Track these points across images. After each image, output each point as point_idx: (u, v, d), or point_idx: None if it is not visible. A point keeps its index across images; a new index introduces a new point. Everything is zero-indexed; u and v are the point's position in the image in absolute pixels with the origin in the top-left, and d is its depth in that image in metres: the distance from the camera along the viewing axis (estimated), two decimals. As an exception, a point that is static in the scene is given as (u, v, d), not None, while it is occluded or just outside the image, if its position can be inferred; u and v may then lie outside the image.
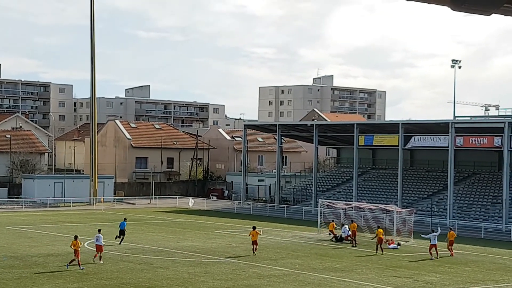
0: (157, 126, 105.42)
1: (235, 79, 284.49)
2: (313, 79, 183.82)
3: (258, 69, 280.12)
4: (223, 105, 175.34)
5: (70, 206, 74.63)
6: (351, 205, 58.93)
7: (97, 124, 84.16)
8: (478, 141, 63.88)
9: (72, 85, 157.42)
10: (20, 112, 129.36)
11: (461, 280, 34.91)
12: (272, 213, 71.64)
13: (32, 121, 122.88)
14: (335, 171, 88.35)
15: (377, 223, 51.52)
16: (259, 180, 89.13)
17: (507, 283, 34.48)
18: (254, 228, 42.57)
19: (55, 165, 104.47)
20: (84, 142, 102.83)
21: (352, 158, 74.67)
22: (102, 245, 37.07)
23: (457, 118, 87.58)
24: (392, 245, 46.05)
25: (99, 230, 38.93)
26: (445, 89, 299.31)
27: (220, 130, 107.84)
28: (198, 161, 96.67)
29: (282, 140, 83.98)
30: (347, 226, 48.40)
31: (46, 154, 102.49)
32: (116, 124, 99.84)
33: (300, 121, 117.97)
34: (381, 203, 60.16)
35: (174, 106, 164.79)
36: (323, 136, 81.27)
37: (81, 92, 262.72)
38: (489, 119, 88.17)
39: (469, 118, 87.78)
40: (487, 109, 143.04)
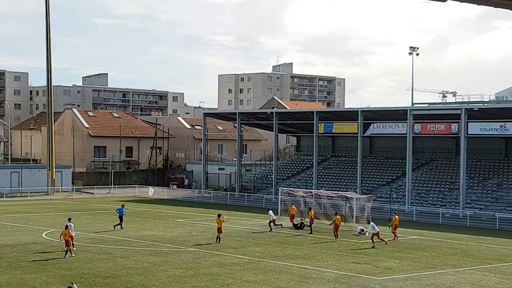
0: (115, 115, 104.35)
1: (195, 67, 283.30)
2: (273, 66, 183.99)
3: (217, 57, 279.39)
4: (183, 93, 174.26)
5: (27, 196, 73.56)
6: (311, 192, 59.17)
7: (54, 112, 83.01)
8: (435, 128, 64.65)
9: (27, 73, 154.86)
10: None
11: (419, 265, 35.35)
12: (232, 201, 71.59)
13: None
14: (295, 159, 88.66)
15: (336, 210, 51.82)
16: (219, 169, 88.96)
17: (464, 267, 35.01)
18: (219, 215, 42.51)
19: (11, 155, 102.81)
20: (41, 131, 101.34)
21: (312, 146, 75.00)
22: (73, 234, 36.54)
23: (415, 105, 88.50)
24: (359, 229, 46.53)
25: (69, 219, 39.32)
26: (404, 77, 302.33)
27: (180, 118, 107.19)
28: (158, 150, 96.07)
29: (242, 128, 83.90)
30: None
31: (2, 143, 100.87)
32: (74, 112, 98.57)
33: (260, 109, 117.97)
34: (341, 191, 60.53)
35: (132, 94, 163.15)
36: (283, 124, 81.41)
37: (37, 81, 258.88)
38: (447, 105, 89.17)
39: (427, 105, 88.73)
40: (444, 96, 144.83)
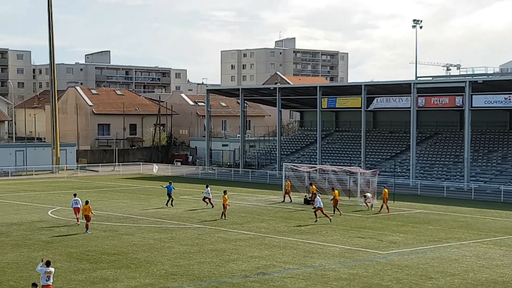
0: (118, 92, 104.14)
1: (196, 43, 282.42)
2: (275, 42, 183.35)
3: (218, 33, 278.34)
4: (185, 70, 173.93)
5: (32, 174, 73.78)
6: (315, 167, 59.17)
7: (57, 91, 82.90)
8: (439, 101, 64.44)
9: (30, 51, 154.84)
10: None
11: (424, 239, 35.44)
12: (236, 177, 71.69)
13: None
14: (298, 134, 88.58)
15: (341, 185, 51.92)
16: (223, 145, 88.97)
17: (469, 241, 35.09)
18: (225, 192, 42.63)
19: (15, 134, 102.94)
20: (44, 109, 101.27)
21: (316, 121, 74.85)
22: (80, 207, 38.57)
23: (418, 79, 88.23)
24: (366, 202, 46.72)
25: (74, 195, 40.88)
26: (406, 50, 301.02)
27: (183, 95, 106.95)
28: (161, 127, 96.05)
29: (245, 104, 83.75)
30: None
31: (6, 122, 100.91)
32: (77, 90, 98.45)
33: (263, 84, 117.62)
34: (345, 165, 60.54)
35: (135, 71, 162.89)
36: (286, 99, 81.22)
37: (40, 59, 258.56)
38: (450, 78, 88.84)
39: (430, 78, 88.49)
40: (448, 69, 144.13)
